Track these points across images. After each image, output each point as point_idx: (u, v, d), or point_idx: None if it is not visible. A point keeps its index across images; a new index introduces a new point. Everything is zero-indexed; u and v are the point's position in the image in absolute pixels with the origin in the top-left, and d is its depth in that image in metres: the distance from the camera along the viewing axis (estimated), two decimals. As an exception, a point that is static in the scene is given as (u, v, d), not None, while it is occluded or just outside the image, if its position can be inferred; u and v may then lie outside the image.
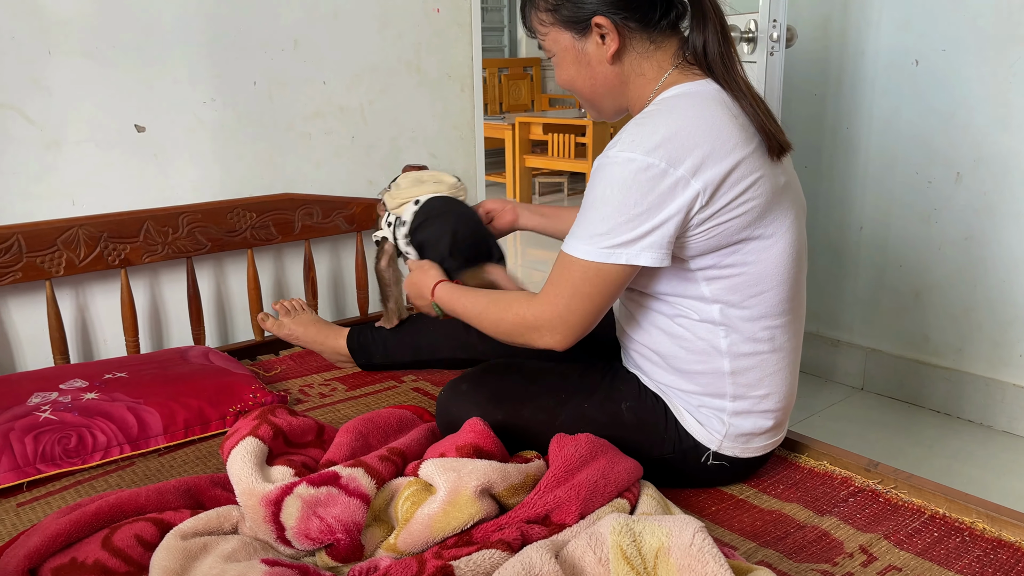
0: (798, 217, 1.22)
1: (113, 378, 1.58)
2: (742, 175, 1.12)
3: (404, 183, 1.68)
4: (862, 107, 2.46)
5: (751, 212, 1.14)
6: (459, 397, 1.30)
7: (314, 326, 1.82)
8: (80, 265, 1.70)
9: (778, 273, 1.19)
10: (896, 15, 2.34)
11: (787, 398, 1.28)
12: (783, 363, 1.25)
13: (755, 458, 1.30)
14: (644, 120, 1.14)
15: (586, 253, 1.13)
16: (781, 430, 1.31)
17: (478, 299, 1.32)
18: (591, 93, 1.26)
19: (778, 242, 1.18)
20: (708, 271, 1.18)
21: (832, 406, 2.50)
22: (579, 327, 1.18)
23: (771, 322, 1.21)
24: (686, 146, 1.10)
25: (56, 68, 1.67)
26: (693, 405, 1.26)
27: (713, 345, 1.21)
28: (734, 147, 1.12)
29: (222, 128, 1.90)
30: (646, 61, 1.21)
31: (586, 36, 1.20)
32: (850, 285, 2.59)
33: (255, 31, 1.90)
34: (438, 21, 2.19)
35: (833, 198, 2.57)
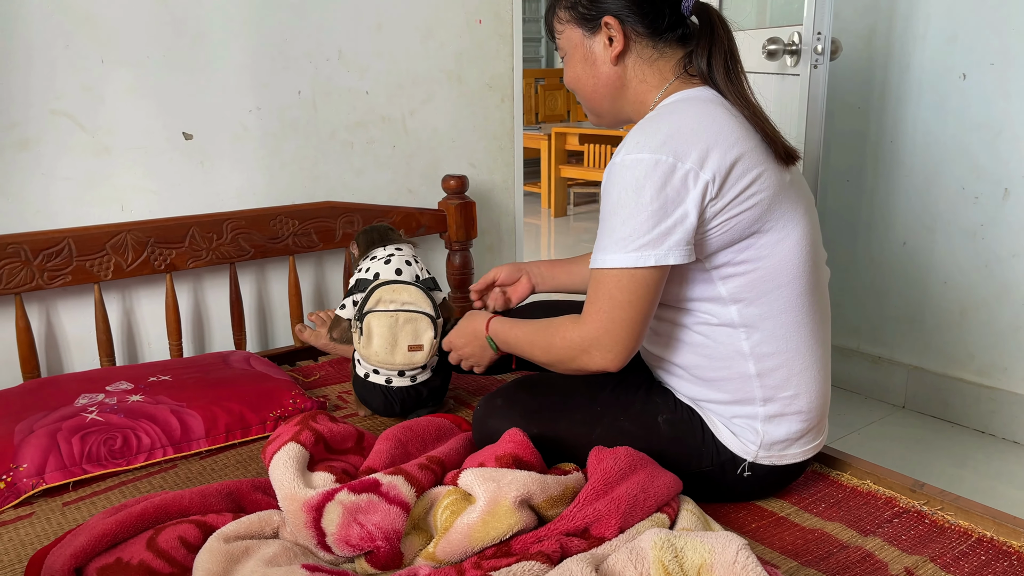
0: (808, 211, 1.22)
1: (157, 381, 1.61)
2: (747, 167, 1.14)
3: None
4: (906, 121, 2.42)
5: (760, 204, 1.15)
6: (494, 412, 1.30)
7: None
8: (127, 269, 1.73)
9: (792, 267, 1.19)
10: (943, 28, 2.31)
11: (818, 398, 1.25)
12: (809, 361, 1.23)
13: (792, 467, 1.28)
14: (646, 123, 1.18)
15: (615, 262, 1.13)
16: (817, 435, 1.29)
17: (527, 328, 1.32)
18: (592, 92, 1.29)
19: (790, 235, 1.18)
20: (723, 269, 1.18)
21: (872, 424, 2.46)
22: (627, 341, 1.17)
23: (791, 317, 1.20)
24: (690, 140, 1.12)
25: (108, 76, 1.71)
26: (726, 416, 1.26)
27: (736, 349, 1.21)
28: (736, 141, 1.14)
29: (267, 136, 1.93)
30: (648, 67, 1.25)
31: (595, 34, 1.25)
32: (892, 301, 2.55)
33: (300, 41, 1.93)
34: (480, 32, 2.20)
35: (875, 213, 2.54)
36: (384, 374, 1.56)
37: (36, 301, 1.72)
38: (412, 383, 1.58)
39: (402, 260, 1.60)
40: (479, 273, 2.32)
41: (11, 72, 1.61)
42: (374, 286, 1.53)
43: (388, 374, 1.56)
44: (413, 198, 2.18)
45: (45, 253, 1.64)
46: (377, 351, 1.51)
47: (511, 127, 2.33)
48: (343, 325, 1.63)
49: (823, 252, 1.28)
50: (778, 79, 2.14)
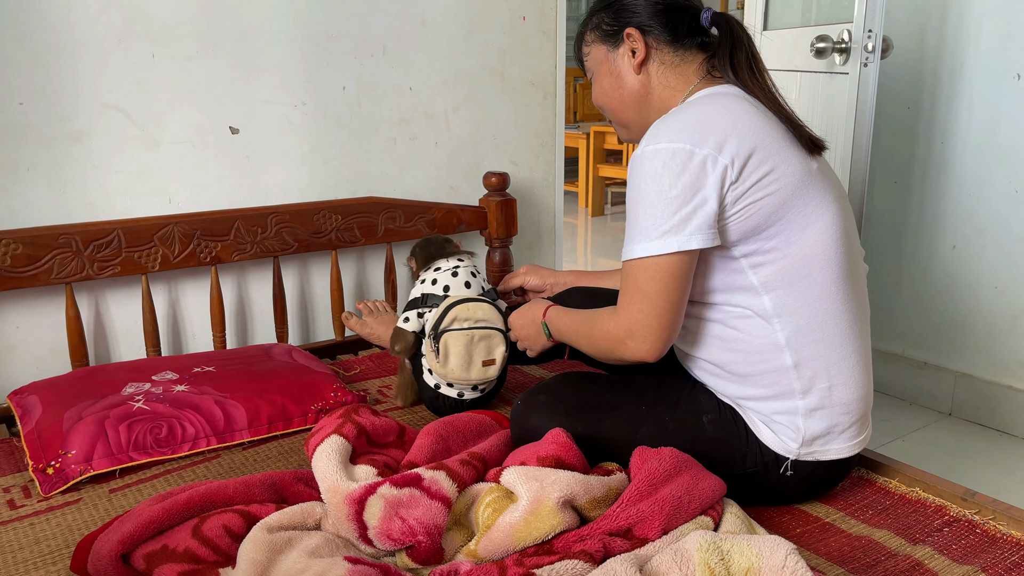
0: (837, 200, 1.22)
1: (201, 372, 1.63)
2: (766, 155, 1.15)
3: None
4: (958, 122, 2.37)
5: (782, 191, 1.16)
6: (536, 408, 1.30)
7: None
8: (174, 261, 1.75)
9: (823, 253, 1.18)
10: (997, 27, 2.25)
11: (858, 389, 1.23)
12: (847, 351, 1.21)
13: (836, 464, 1.26)
14: (666, 116, 1.21)
15: (639, 251, 1.16)
16: (860, 430, 1.26)
17: (575, 318, 1.35)
18: (619, 104, 1.32)
19: (817, 220, 1.18)
20: (752, 257, 1.18)
21: (917, 431, 2.41)
22: (660, 330, 1.17)
23: (825, 306, 1.19)
24: (707, 128, 1.14)
25: (158, 71, 1.74)
26: (766, 414, 1.24)
27: (771, 341, 1.19)
28: (755, 129, 1.16)
29: (311, 131, 1.94)
30: (671, 72, 1.28)
31: (618, 47, 1.30)
32: (940, 306, 2.50)
33: (346, 37, 1.94)
34: (524, 29, 2.20)
35: (924, 216, 2.48)
36: (458, 388, 1.58)
37: (85, 291, 1.75)
38: (481, 394, 1.60)
39: (468, 273, 1.61)
40: (519, 271, 2.31)
41: (65, 66, 1.64)
42: (449, 305, 1.53)
43: (461, 388, 1.58)
44: (455, 195, 2.18)
45: (95, 244, 1.67)
46: (454, 369, 1.53)
47: (553, 124, 2.32)
48: (408, 340, 1.61)
49: (858, 245, 1.27)
50: (826, 78, 2.10)
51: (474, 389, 1.59)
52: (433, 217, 2.06)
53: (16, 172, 1.64)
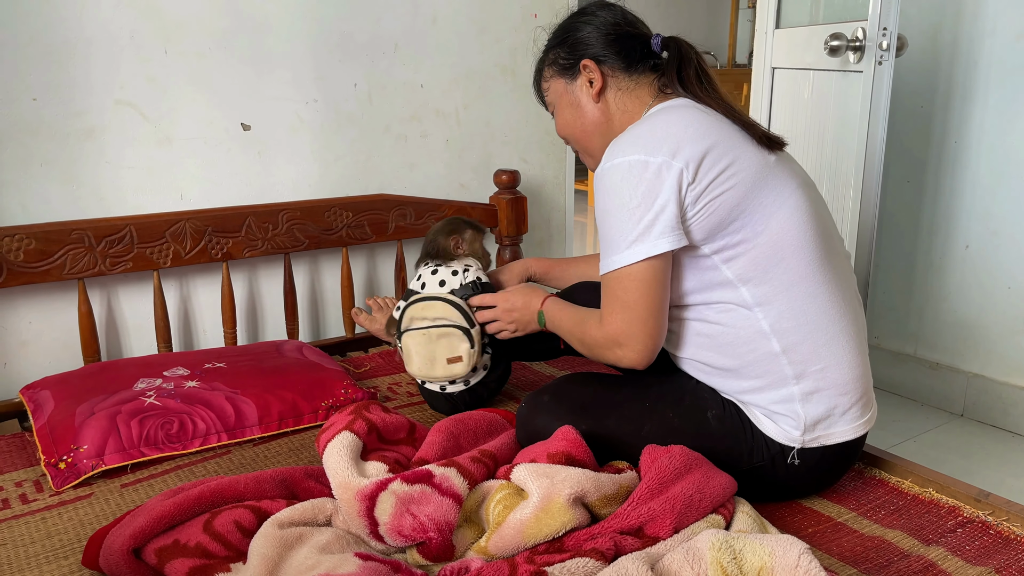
0: (802, 187, 1.24)
1: (213, 368, 1.63)
2: (721, 152, 1.18)
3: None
4: (972, 120, 2.35)
5: (740, 185, 1.19)
6: (541, 409, 1.30)
7: None
8: (185, 257, 1.76)
9: (792, 239, 1.20)
10: (1013, 25, 2.23)
11: (853, 369, 1.23)
12: (835, 331, 1.21)
13: (842, 448, 1.25)
14: (621, 135, 1.25)
15: (614, 263, 1.20)
16: (864, 411, 1.26)
17: (570, 315, 1.38)
18: (582, 133, 1.36)
19: (781, 208, 1.20)
20: (723, 252, 1.20)
21: (929, 432, 2.39)
22: (644, 337, 1.21)
23: (804, 289, 1.20)
24: (660, 137, 1.19)
25: (171, 67, 1.74)
26: (765, 406, 1.24)
27: (756, 329, 1.21)
28: (707, 131, 1.20)
29: (323, 128, 1.94)
30: (627, 96, 1.32)
31: (575, 79, 1.34)
32: (953, 306, 2.48)
33: (357, 35, 1.94)
34: (534, 26, 2.19)
35: (937, 214, 2.46)
36: (435, 383, 1.58)
37: (98, 287, 1.76)
38: (467, 386, 1.60)
39: (448, 272, 1.60)
40: (529, 268, 2.31)
41: (78, 62, 1.65)
42: (406, 305, 1.57)
43: (438, 383, 1.58)
44: (465, 192, 2.18)
45: (108, 240, 1.67)
46: (419, 368, 1.56)
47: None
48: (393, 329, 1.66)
49: (834, 230, 1.30)
50: (839, 76, 2.09)
51: (454, 383, 1.59)
52: (443, 214, 2.06)
53: (29, 168, 1.65)
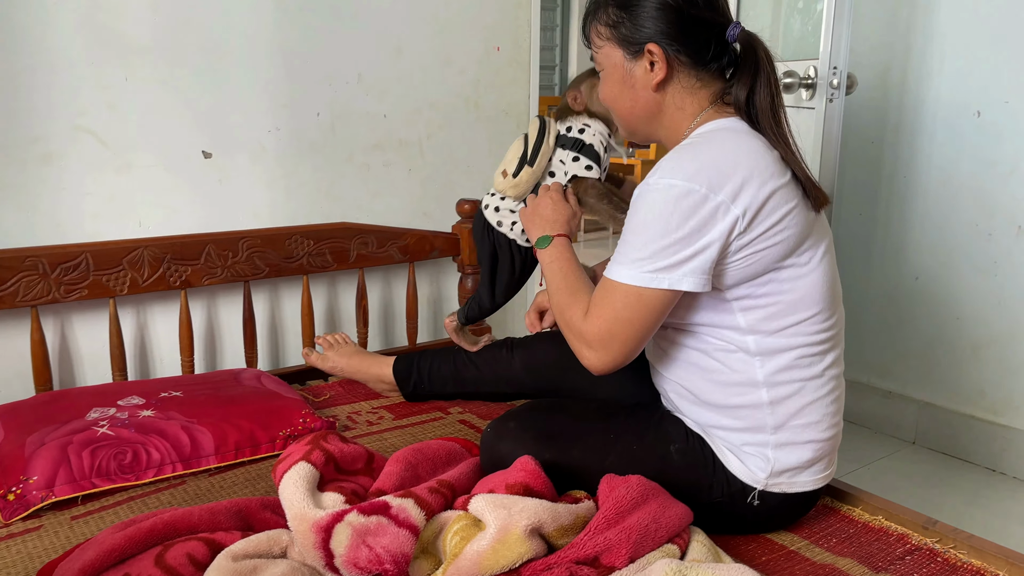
0: (828, 249, 1.23)
1: (169, 396, 1.61)
2: (779, 203, 1.14)
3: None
4: (920, 157, 2.43)
5: (787, 241, 1.15)
6: (506, 435, 1.30)
7: (357, 356, 1.85)
8: (143, 285, 1.74)
9: (813, 302, 1.19)
10: (957, 65, 2.32)
11: (831, 428, 1.25)
12: (823, 391, 1.23)
13: (805, 495, 1.27)
14: (683, 149, 1.17)
15: (629, 278, 1.15)
16: (829, 465, 1.29)
17: (562, 278, 1.31)
18: (628, 114, 1.28)
19: (813, 270, 1.19)
20: (744, 300, 1.18)
21: (882, 459, 2.44)
22: (619, 355, 1.19)
23: (809, 350, 1.21)
24: (725, 172, 1.12)
25: (131, 94, 1.74)
26: (735, 444, 1.25)
27: (749, 376, 1.21)
28: (771, 175, 1.14)
29: (285, 157, 1.95)
30: (688, 96, 1.23)
31: (637, 59, 1.22)
32: (904, 336, 2.54)
33: (321, 64, 1.95)
34: (498, 59, 2.23)
35: (888, 247, 2.53)
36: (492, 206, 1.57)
37: (51, 314, 1.73)
38: (506, 236, 1.58)
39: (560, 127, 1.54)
40: (491, 297, 2.32)
41: (37, 87, 1.64)
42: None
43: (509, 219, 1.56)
44: (428, 221, 2.20)
45: (63, 267, 1.65)
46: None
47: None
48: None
49: (840, 289, 1.28)
50: (793, 112, 2.15)
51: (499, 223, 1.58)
52: (406, 243, 2.07)
53: (-17, 193, 1.63)
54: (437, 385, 1.79)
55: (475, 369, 1.76)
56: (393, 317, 2.20)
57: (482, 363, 1.75)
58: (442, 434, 1.67)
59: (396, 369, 1.80)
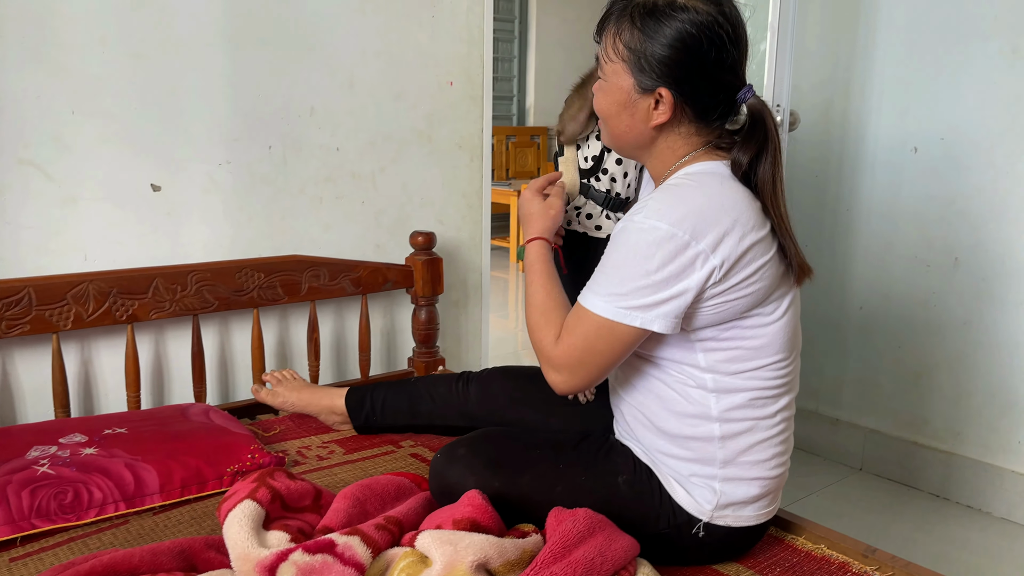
0: (795, 298, 1.27)
1: (113, 434, 1.58)
2: (755, 256, 1.16)
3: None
4: (862, 190, 2.51)
5: (757, 293, 1.19)
6: (455, 462, 1.30)
7: (307, 389, 1.84)
8: (88, 320, 1.71)
9: (774, 350, 1.23)
10: (895, 103, 2.41)
11: (778, 467, 1.28)
12: (774, 431, 1.26)
13: (750, 529, 1.29)
14: (671, 191, 1.19)
15: (603, 310, 1.17)
16: (774, 501, 1.31)
17: (534, 293, 1.32)
18: (618, 135, 1.28)
19: (777, 320, 1.22)
20: (707, 342, 1.21)
21: (830, 485, 2.49)
22: (584, 379, 1.23)
23: (765, 392, 1.24)
24: (709, 221, 1.14)
25: (78, 127, 1.72)
26: (684, 475, 1.27)
27: (704, 410, 1.23)
28: (752, 227, 1.16)
29: (236, 190, 1.94)
30: (681, 140, 1.24)
31: (644, 94, 1.21)
32: (850, 364, 2.60)
33: (273, 97, 1.96)
34: (451, 94, 2.25)
35: (833, 277, 2.60)
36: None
37: (-8, 350, 1.70)
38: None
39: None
40: (444, 330, 2.33)
41: (-20, 120, 1.61)
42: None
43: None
44: (381, 253, 2.20)
45: (4, 302, 1.62)
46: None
47: (480, 186, 2.37)
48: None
49: (800, 337, 1.31)
50: (739, 147, 2.20)
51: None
52: (358, 275, 2.07)
53: (-78, 227, 1.59)
54: (389, 417, 1.79)
55: (430, 402, 1.76)
56: (345, 350, 2.20)
57: (437, 396, 1.75)
58: (393, 468, 1.66)
59: (348, 400, 1.80)
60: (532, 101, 6.99)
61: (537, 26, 6.82)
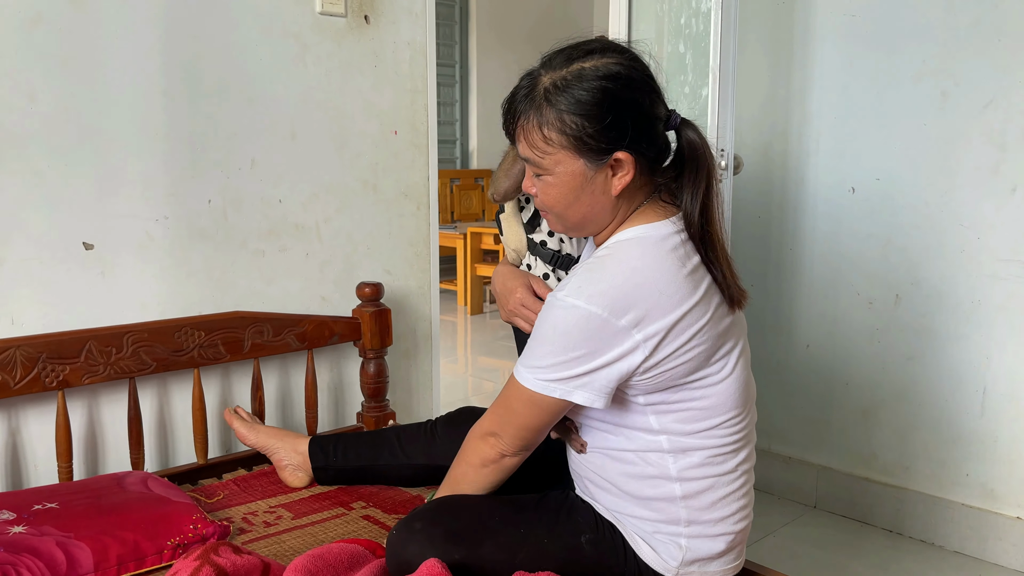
0: (744, 348, 1.25)
1: (43, 509, 1.49)
2: (687, 325, 1.14)
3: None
4: (804, 230, 2.55)
5: (698, 356, 1.17)
6: (413, 536, 1.25)
7: (273, 429, 1.83)
8: (15, 387, 1.62)
9: (724, 402, 1.21)
10: (832, 145, 2.47)
11: (742, 520, 1.27)
12: (735, 485, 1.25)
13: None
14: (593, 266, 1.17)
15: (525, 380, 1.19)
16: (740, 555, 1.30)
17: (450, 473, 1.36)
18: (579, 219, 1.21)
19: (726, 377, 1.21)
20: (657, 406, 1.20)
21: (786, 525, 2.48)
22: (516, 442, 1.24)
23: (722, 448, 1.23)
24: (630, 298, 1.12)
25: (4, 185, 1.64)
26: (648, 532, 1.25)
27: (663, 471, 1.21)
28: (680, 300, 1.13)
29: (173, 246, 1.87)
30: (636, 191, 1.20)
31: (600, 166, 1.14)
32: (799, 402, 2.62)
33: (212, 150, 1.91)
34: (395, 143, 2.23)
35: (780, 316, 2.63)
36: None
37: (-91, 423, 1.59)
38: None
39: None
40: (394, 382, 2.27)
41: None
42: None
43: None
44: (327, 305, 2.15)
45: (-77, 372, 1.52)
46: None
47: (427, 234, 2.34)
48: None
49: (754, 388, 1.30)
50: (684, 191, 2.22)
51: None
52: (304, 330, 2.01)
53: None
54: (352, 456, 1.75)
55: (395, 440, 1.74)
56: (291, 407, 2.12)
57: (403, 435, 1.75)
58: (344, 532, 1.60)
59: (312, 441, 1.77)
60: (475, 144, 7.02)
61: (478, 70, 6.88)
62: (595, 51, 1.15)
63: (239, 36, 1.92)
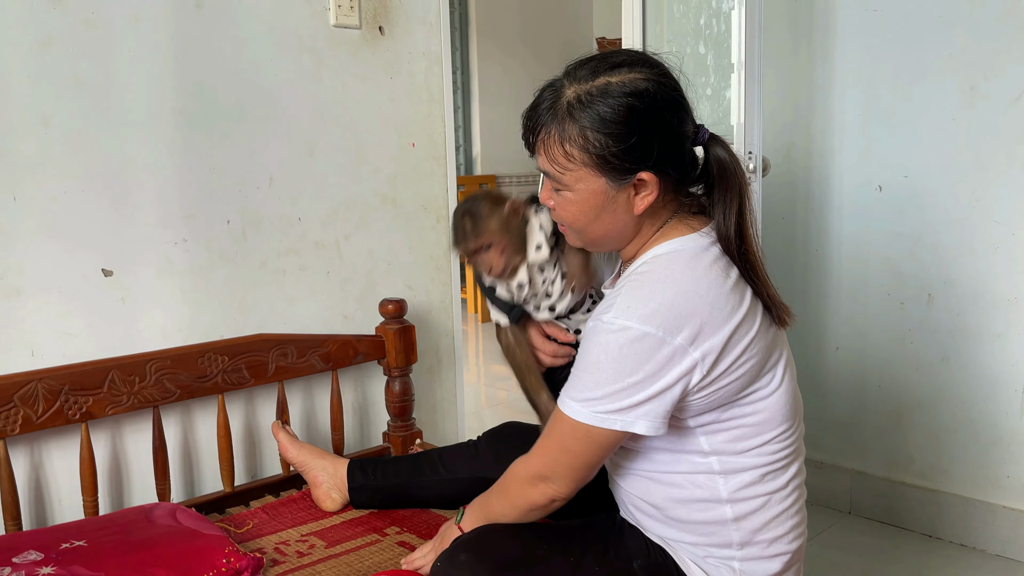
0: (788, 359, 1.21)
1: (71, 547, 1.44)
2: (739, 338, 1.10)
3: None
4: (831, 231, 2.50)
5: (751, 371, 1.13)
6: (458, 568, 1.20)
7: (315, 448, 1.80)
8: (37, 421, 1.57)
9: (778, 421, 1.17)
10: (857, 144, 2.42)
11: (797, 539, 1.22)
12: (787, 502, 1.20)
13: None
14: (639, 286, 1.11)
15: (578, 414, 1.11)
16: (799, 571, 1.26)
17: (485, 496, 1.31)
18: (599, 236, 1.18)
19: (776, 389, 1.17)
20: (706, 427, 1.16)
21: (822, 533, 2.43)
22: (569, 482, 1.17)
23: (774, 466, 1.18)
24: (683, 314, 1.07)
25: (20, 215, 1.60)
26: (699, 556, 1.20)
27: (713, 493, 1.17)
28: (731, 312, 1.09)
29: (193, 269, 1.83)
30: (661, 209, 1.17)
31: (622, 186, 1.11)
32: (830, 406, 2.57)
33: (230, 170, 1.86)
34: (413, 155, 2.18)
35: (808, 319, 2.58)
36: None
37: (-70, 462, 1.54)
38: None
39: None
40: (419, 399, 2.22)
41: (-90, 213, 1.48)
42: None
43: None
44: (350, 324, 2.10)
45: (-57, 410, 1.48)
46: None
47: (447, 247, 2.29)
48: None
49: (801, 399, 1.26)
50: (709, 196, 2.18)
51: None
52: (328, 350, 1.96)
53: None
54: (391, 474, 1.71)
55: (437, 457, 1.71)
56: (317, 429, 2.07)
57: (446, 452, 1.72)
58: (381, 560, 1.55)
59: (353, 461, 1.74)
60: (479, 150, 6.98)
61: (479, 76, 6.83)
62: (623, 64, 1.10)
63: (253, 52, 1.88)
